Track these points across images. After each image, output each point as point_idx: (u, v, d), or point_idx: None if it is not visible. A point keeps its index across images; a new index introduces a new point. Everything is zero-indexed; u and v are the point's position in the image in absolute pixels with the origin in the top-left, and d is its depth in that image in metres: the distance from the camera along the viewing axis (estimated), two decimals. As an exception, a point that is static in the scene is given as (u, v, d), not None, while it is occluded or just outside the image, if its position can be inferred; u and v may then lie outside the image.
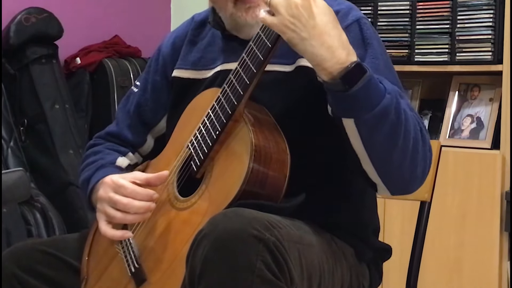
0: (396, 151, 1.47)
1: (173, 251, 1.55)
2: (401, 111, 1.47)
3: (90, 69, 3.67)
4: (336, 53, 1.41)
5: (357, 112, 1.43)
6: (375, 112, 1.42)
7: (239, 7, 1.65)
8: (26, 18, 3.37)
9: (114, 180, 1.65)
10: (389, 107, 1.44)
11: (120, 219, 1.62)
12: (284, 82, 1.65)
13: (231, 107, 1.54)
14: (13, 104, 3.36)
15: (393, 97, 1.46)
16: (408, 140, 1.48)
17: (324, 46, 1.40)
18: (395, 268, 2.22)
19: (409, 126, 1.48)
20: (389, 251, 1.79)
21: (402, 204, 3.11)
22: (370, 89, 1.42)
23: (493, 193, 3.03)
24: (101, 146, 1.89)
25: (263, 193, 1.49)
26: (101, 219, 1.66)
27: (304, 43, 1.41)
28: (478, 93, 3.28)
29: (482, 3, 3.14)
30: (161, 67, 1.88)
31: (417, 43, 3.30)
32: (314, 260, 1.51)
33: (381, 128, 1.44)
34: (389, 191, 1.56)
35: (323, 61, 1.41)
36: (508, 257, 3.04)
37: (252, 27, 1.64)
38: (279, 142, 1.54)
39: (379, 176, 1.52)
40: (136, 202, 1.60)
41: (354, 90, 1.40)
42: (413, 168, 1.52)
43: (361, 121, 1.44)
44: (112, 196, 1.62)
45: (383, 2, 3.38)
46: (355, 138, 1.47)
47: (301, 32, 1.40)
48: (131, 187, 1.61)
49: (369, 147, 1.48)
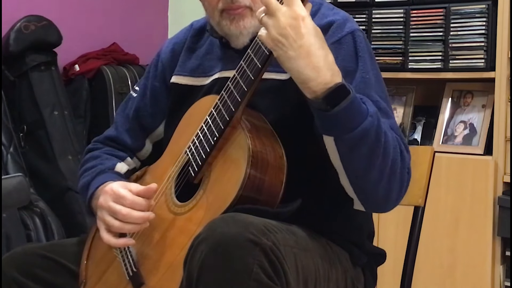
0: (373, 171, 1.49)
1: (171, 256, 1.55)
2: (382, 133, 1.48)
3: (89, 76, 3.67)
4: (321, 73, 1.42)
5: (337, 131, 1.45)
6: (354, 133, 1.44)
7: (224, 16, 1.67)
8: (25, 26, 3.38)
9: (115, 190, 1.65)
10: (369, 130, 1.45)
11: (118, 228, 1.63)
12: (280, 90, 1.65)
13: (229, 113, 1.55)
14: (12, 111, 3.35)
15: (374, 120, 1.47)
16: (386, 162, 1.50)
17: (310, 66, 1.42)
18: (389, 272, 2.21)
19: (388, 148, 1.49)
20: (383, 255, 1.80)
21: (396, 209, 2.95)
22: (351, 111, 1.43)
23: (485, 198, 3.03)
24: (100, 151, 1.89)
25: (260, 199, 1.50)
26: (101, 227, 1.67)
27: (290, 61, 1.43)
28: (471, 100, 3.28)
29: (475, 11, 3.13)
30: (160, 73, 1.88)
31: (411, 50, 3.29)
32: (309, 264, 1.52)
33: (359, 148, 1.46)
34: (364, 207, 1.58)
35: (308, 80, 1.43)
36: (501, 261, 3.04)
37: (238, 37, 1.68)
38: (276, 148, 1.55)
39: (355, 192, 1.54)
40: (134, 213, 1.61)
41: (336, 111, 1.42)
42: (389, 189, 1.53)
43: (340, 140, 1.46)
44: (112, 206, 1.63)
45: (377, 10, 3.36)
46: (334, 154, 1.49)
47: (288, 50, 1.42)
48: (131, 198, 1.62)
49: (346, 164, 1.49)
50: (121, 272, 1.66)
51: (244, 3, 1.64)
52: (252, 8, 1.65)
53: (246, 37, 1.67)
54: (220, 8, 1.66)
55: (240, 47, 1.69)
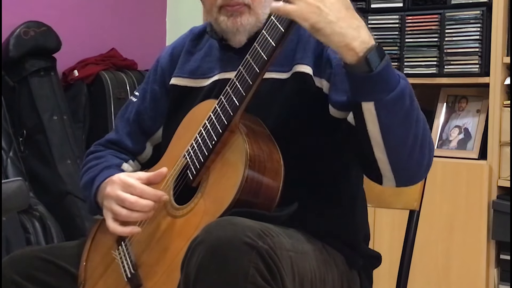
0: (409, 138, 1.47)
1: (169, 258, 1.55)
2: (414, 97, 1.47)
3: (88, 81, 3.67)
4: (361, 32, 1.41)
5: (379, 93, 1.42)
6: (394, 94, 1.42)
7: (222, 12, 1.67)
8: (25, 32, 3.39)
9: (123, 178, 1.66)
10: (405, 91, 1.44)
11: (126, 216, 1.62)
12: (280, 89, 1.66)
13: (227, 117, 1.55)
14: (12, 116, 3.36)
15: (407, 83, 1.46)
16: (419, 128, 1.48)
17: (352, 27, 1.40)
18: (385, 275, 2.22)
19: (420, 115, 1.49)
20: (379, 258, 1.81)
21: (392, 213, 3.08)
22: (389, 71, 1.42)
23: (480, 202, 3.04)
24: (104, 152, 1.89)
25: (256, 202, 1.49)
26: (108, 217, 1.66)
27: (331, 25, 1.39)
28: (466, 105, 3.28)
29: (469, 17, 3.14)
30: (159, 77, 1.89)
31: (406, 56, 3.30)
32: (306, 267, 1.52)
33: (398, 111, 1.44)
34: (395, 181, 1.54)
35: (352, 40, 1.40)
36: (495, 264, 3.05)
37: (235, 34, 1.69)
38: (273, 152, 1.55)
39: (390, 163, 1.50)
40: (142, 201, 1.60)
41: (378, 70, 1.40)
42: (421, 157, 1.52)
43: (381, 104, 1.42)
44: (120, 194, 1.63)
45: (373, 16, 3.38)
46: (373, 123, 1.45)
47: (327, 15, 1.38)
48: (140, 186, 1.62)
49: (385, 131, 1.46)
50: (120, 273, 1.66)
51: (242, 0, 1.65)
52: (251, 6, 1.66)
53: (243, 34, 1.68)
54: (219, 4, 1.67)
55: (238, 45, 1.70)
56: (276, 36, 1.48)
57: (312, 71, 1.65)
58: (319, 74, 1.64)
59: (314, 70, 1.65)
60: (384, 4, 3.38)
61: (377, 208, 3.03)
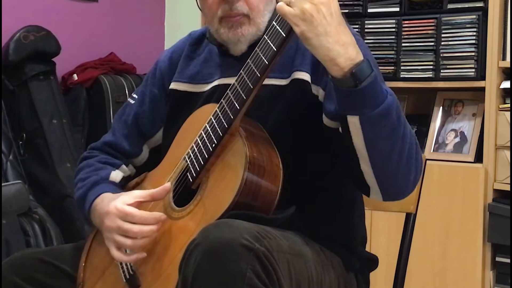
0: (394, 152, 1.48)
1: (167, 259, 1.56)
2: (401, 113, 1.48)
3: (87, 85, 3.66)
4: (348, 49, 1.42)
5: (364, 108, 1.43)
6: (379, 110, 1.43)
7: (223, 24, 1.68)
8: (24, 36, 3.37)
9: (119, 208, 1.62)
10: (391, 107, 1.45)
11: (131, 246, 1.60)
12: (280, 96, 1.66)
13: (228, 121, 1.56)
14: (12, 119, 3.34)
15: (394, 99, 1.47)
16: (405, 144, 1.49)
17: (339, 43, 1.41)
18: (381, 277, 2.23)
19: (406, 130, 1.49)
20: (376, 261, 1.81)
21: (388, 216, 3.11)
22: (376, 87, 1.43)
23: (476, 205, 3.06)
24: (94, 159, 1.88)
25: (255, 205, 1.50)
26: (112, 248, 1.64)
27: (319, 38, 1.40)
28: (462, 109, 3.30)
29: (465, 22, 3.16)
30: (158, 80, 1.89)
31: (402, 60, 3.32)
32: (302, 269, 1.52)
33: (383, 127, 1.45)
34: (382, 194, 1.55)
35: (337, 56, 1.41)
36: (491, 267, 3.06)
37: (236, 44, 1.70)
38: (273, 156, 1.56)
39: (375, 177, 1.52)
40: (145, 227, 1.59)
41: (363, 86, 1.41)
42: (407, 172, 1.52)
43: (366, 118, 1.43)
44: (121, 225, 1.60)
45: (370, 21, 3.40)
46: (358, 136, 1.47)
47: (318, 26, 1.40)
48: (138, 214, 1.60)
49: (370, 145, 1.47)
50: (118, 274, 1.67)
51: (242, 11, 1.66)
52: (250, 16, 1.67)
53: (244, 44, 1.69)
54: (219, 15, 1.68)
55: (238, 54, 1.71)
56: (278, 41, 1.49)
57: (310, 78, 1.66)
58: (316, 82, 1.65)
59: (312, 77, 1.66)
60: (381, 9, 3.40)
61: (374, 211, 2.88)
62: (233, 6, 1.66)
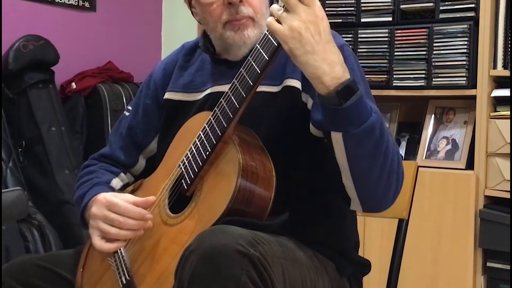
0: (375, 168, 1.49)
1: (163, 265, 1.57)
2: (385, 131, 1.49)
3: (85, 94, 3.68)
4: (335, 68, 1.42)
5: (347, 126, 1.44)
6: (363, 128, 1.43)
7: (228, 28, 1.69)
8: (24, 45, 3.40)
9: (108, 198, 1.66)
10: (375, 125, 1.45)
11: (115, 235, 1.64)
12: (271, 102, 1.67)
13: (221, 129, 1.57)
14: (11, 127, 3.36)
15: (379, 117, 1.48)
16: (387, 160, 1.50)
17: (326, 62, 1.41)
18: (374, 282, 2.22)
19: (389, 147, 1.50)
20: (368, 266, 1.81)
21: (381, 222, 3.13)
22: (360, 106, 1.43)
23: (467, 211, 3.07)
24: (96, 166, 1.90)
25: (249, 211, 1.50)
26: (94, 235, 1.68)
27: (307, 56, 1.41)
28: (453, 116, 3.32)
29: (457, 31, 3.19)
30: (152, 91, 1.90)
31: (395, 68, 3.34)
32: (296, 274, 1.52)
33: (365, 144, 1.45)
34: (362, 207, 1.57)
35: (323, 75, 1.42)
36: (482, 272, 3.08)
37: (240, 48, 1.70)
38: (266, 163, 1.56)
39: (356, 191, 1.53)
40: (131, 220, 1.62)
41: (348, 105, 1.41)
42: (387, 188, 1.53)
43: (349, 135, 1.44)
44: (108, 214, 1.64)
45: (363, 30, 3.41)
46: (340, 151, 1.48)
47: (305, 44, 1.40)
48: (124, 205, 1.63)
49: (352, 161, 1.48)
50: (115, 279, 1.68)
51: (247, 14, 1.68)
52: (254, 19, 1.68)
53: (247, 47, 1.69)
54: (224, 20, 1.69)
55: (239, 58, 1.71)
56: (270, 50, 1.49)
57: (301, 86, 1.67)
58: (306, 90, 1.66)
59: (303, 85, 1.67)
60: (374, 19, 3.42)
61: (367, 217, 3.02)
62: (239, 9, 1.67)
